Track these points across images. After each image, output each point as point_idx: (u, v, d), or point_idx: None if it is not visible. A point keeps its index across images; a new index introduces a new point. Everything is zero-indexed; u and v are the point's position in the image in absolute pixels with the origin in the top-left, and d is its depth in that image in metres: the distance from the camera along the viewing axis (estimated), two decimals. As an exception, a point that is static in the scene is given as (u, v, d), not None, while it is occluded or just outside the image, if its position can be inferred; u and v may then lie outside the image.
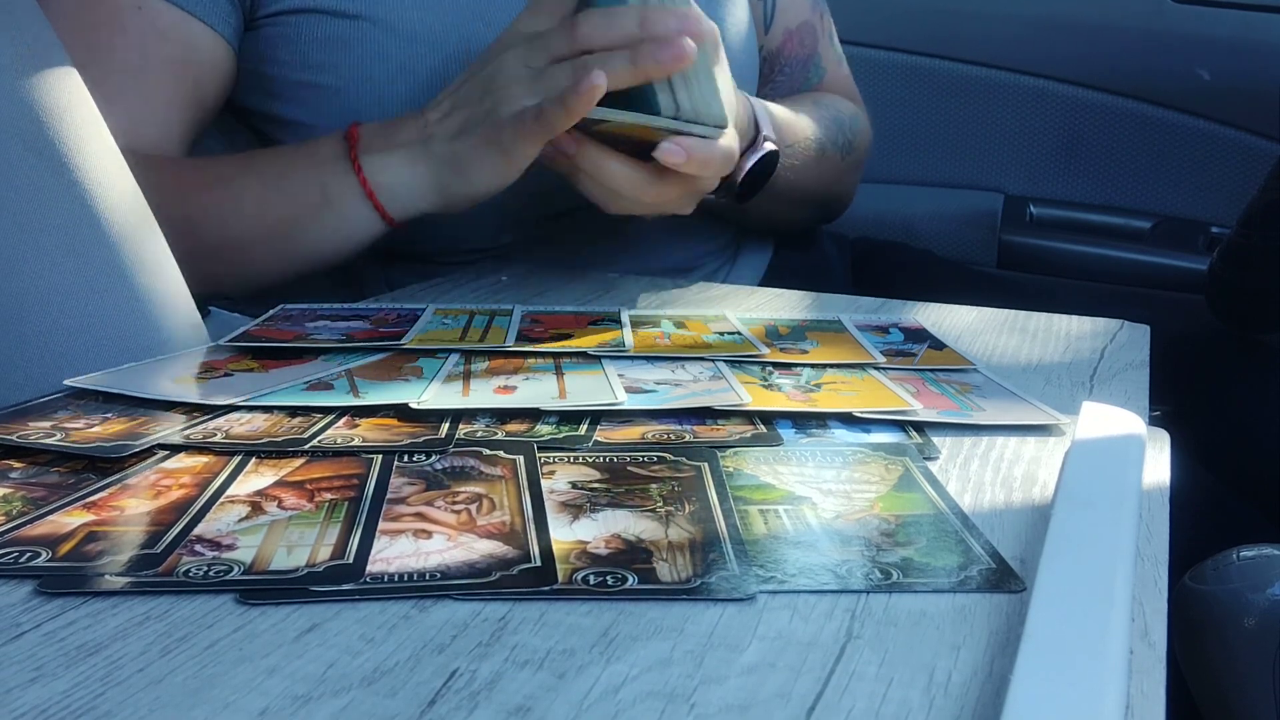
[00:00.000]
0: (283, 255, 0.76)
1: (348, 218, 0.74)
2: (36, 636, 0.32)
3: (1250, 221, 1.01)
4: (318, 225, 0.74)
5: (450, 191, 0.72)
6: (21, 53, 0.56)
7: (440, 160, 0.71)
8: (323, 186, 0.73)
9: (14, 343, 0.52)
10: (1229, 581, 0.63)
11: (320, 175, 0.74)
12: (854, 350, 0.60)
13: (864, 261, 1.13)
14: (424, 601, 0.34)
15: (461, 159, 0.70)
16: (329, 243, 0.75)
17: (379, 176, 0.72)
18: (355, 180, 0.72)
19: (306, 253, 0.76)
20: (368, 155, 0.72)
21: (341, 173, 0.73)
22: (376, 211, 0.73)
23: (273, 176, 0.75)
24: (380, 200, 0.73)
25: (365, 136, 0.73)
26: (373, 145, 0.73)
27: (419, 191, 0.73)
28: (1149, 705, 0.31)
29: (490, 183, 0.71)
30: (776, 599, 0.35)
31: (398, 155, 0.72)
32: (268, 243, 0.75)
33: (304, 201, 0.74)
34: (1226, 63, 1.41)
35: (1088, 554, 0.36)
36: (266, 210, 0.75)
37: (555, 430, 0.48)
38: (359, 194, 0.73)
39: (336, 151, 0.73)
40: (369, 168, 0.72)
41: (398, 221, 0.74)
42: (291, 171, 0.75)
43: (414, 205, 0.73)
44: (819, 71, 1.03)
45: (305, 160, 0.75)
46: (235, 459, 0.44)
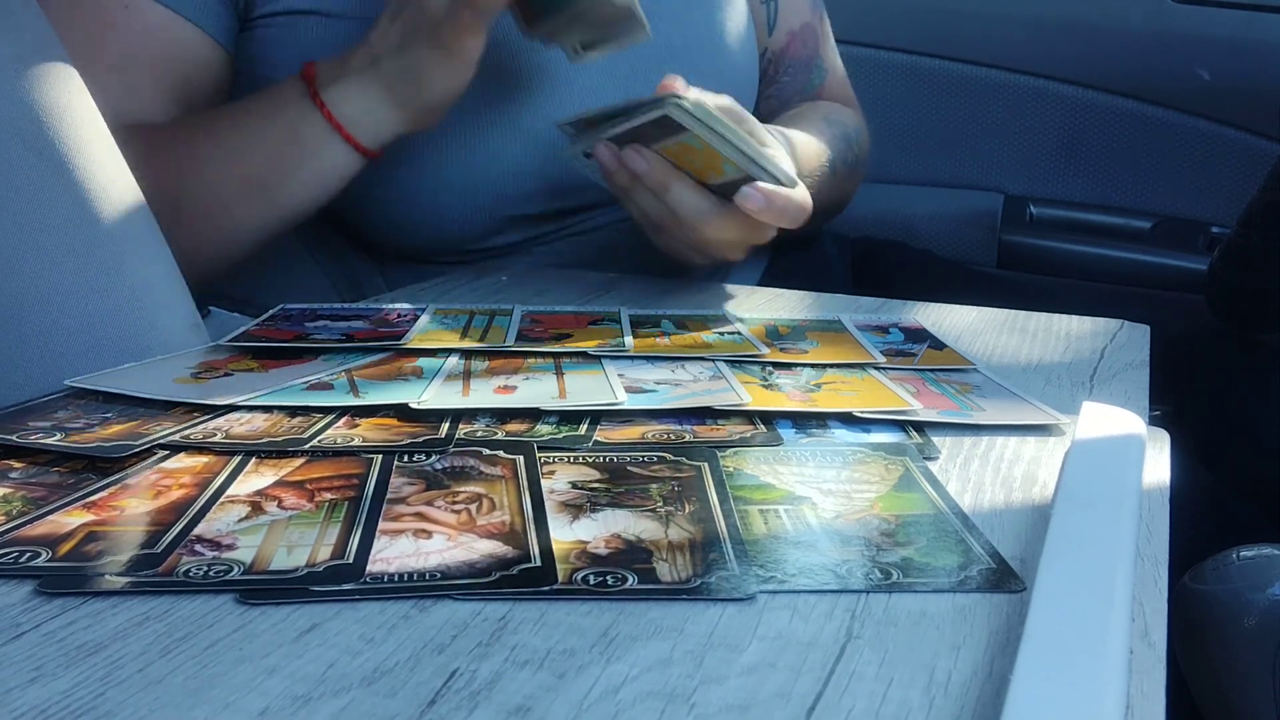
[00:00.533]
0: (265, 207, 0.75)
1: (322, 156, 0.73)
2: (36, 636, 0.32)
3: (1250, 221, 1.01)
4: (294, 169, 0.74)
5: (412, 104, 0.72)
6: (21, 53, 0.56)
7: (393, 76, 0.71)
8: (291, 129, 0.73)
9: (14, 343, 0.52)
10: (1229, 581, 0.63)
11: (286, 118, 0.73)
12: (854, 350, 0.60)
13: (864, 261, 1.13)
14: (424, 601, 0.34)
15: (412, 69, 0.70)
16: (308, 186, 0.75)
17: (342, 107, 0.72)
18: (320, 116, 0.72)
19: (288, 200, 0.75)
20: (327, 89, 0.72)
21: (306, 111, 0.72)
22: (348, 144, 0.73)
23: (239, 131, 0.75)
24: (350, 132, 0.72)
25: (321, 72, 0.73)
26: (329, 78, 0.72)
27: (383, 113, 0.73)
28: (1149, 705, 0.31)
29: (445, 85, 0.71)
30: (776, 599, 0.35)
31: (352, 81, 0.72)
32: (247, 196, 0.75)
33: (275, 147, 0.74)
34: (1226, 63, 1.41)
35: (1088, 554, 0.36)
36: (240, 162, 0.74)
37: (555, 430, 0.48)
38: (327, 129, 0.72)
39: (297, 91, 0.73)
40: (330, 100, 0.72)
41: (372, 149, 0.74)
42: (257, 120, 0.74)
43: (383, 129, 0.73)
44: (821, 73, 1.03)
45: (268, 106, 0.74)
46: (235, 459, 0.44)
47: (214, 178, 0.74)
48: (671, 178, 0.67)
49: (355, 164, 0.74)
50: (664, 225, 0.71)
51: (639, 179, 0.68)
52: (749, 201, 0.64)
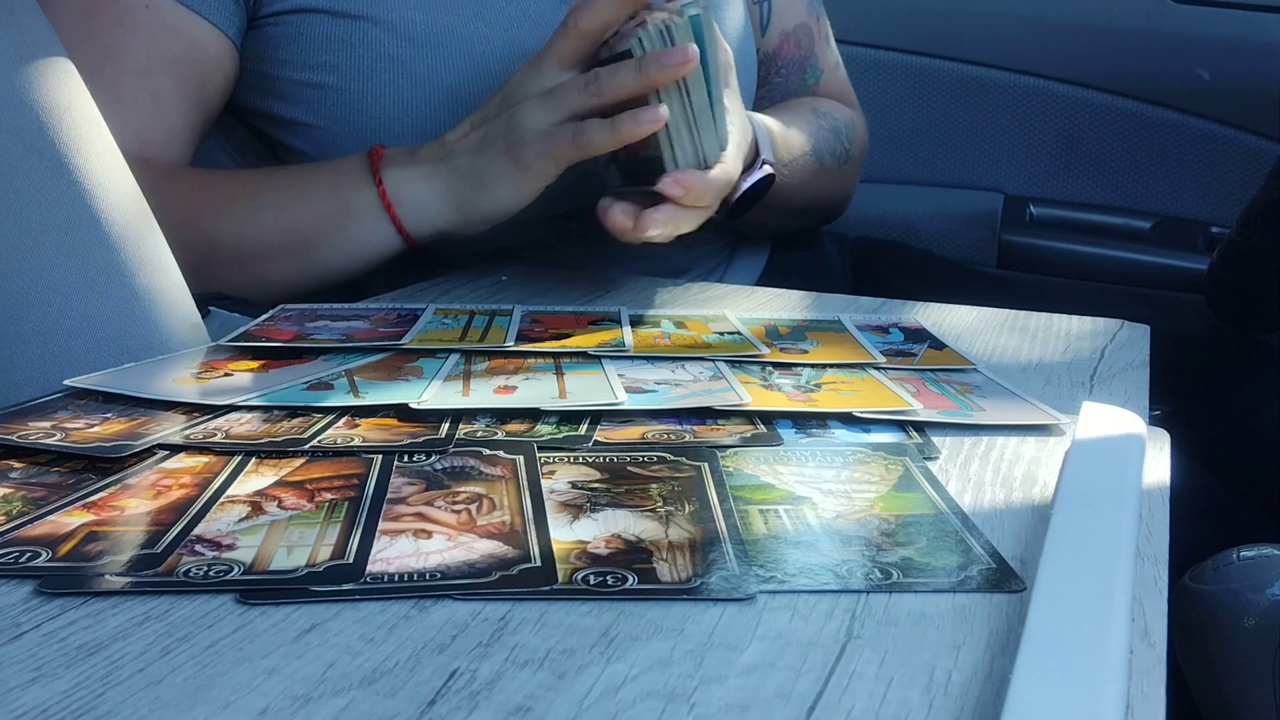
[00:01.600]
0: (299, 268, 0.76)
1: (366, 232, 0.74)
2: (36, 636, 0.32)
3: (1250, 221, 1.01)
4: (336, 239, 0.75)
5: (468, 208, 0.72)
6: (21, 53, 0.56)
7: (460, 176, 0.71)
8: (343, 200, 0.74)
9: (14, 342, 0.52)
10: (1229, 581, 0.63)
11: (341, 188, 0.74)
12: (854, 350, 0.60)
13: (864, 261, 1.13)
14: (424, 601, 0.34)
15: (482, 175, 0.71)
16: (345, 257, 0.76)
17: (399, 191, 0.73)
18: (375, 194, 0.73)
19: (322, 266, 0.76)
20: (389, 170, 0.73)
21: (363, 186, 0.73)
22: (394, 226, 0.74)
23: (294, 189, 0.76)
24: (399, 215, 0.73)
25: (389, 154, 0.74)
26: (395, 161, 0.73)
27: (438, 208, 0.73)
28: (1149, 705, 0.31)
29: (509, 200, 0.71)
30: (776, 599, 0.35)
31: (419, 170, 0.73)
32: (283, 256, 0.76)
33: (324, 214, 0.74)
34: (1226, 63, 1.41)
35: (1088, 554, 0.36)
36: (284, 222, 0.75)
37: (555, 430, 0.48)
38: (378, 208, 0.73)
39: (359, 166, 0.74)
40: (390, 182, 0.73)
41: (415, 239, 0.75)
42: (313, 184, 0.76)
43: (432, 222, 0.74)
44: (815, 73, 1.03)
45: (328, 174, 0.76)
46: (235, 459, 0.44)
47: (257, 229, 0.75)
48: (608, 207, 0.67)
49: (394, 246, 0.75)
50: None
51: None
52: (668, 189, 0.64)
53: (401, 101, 0.79)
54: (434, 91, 0.78)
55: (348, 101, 0.79)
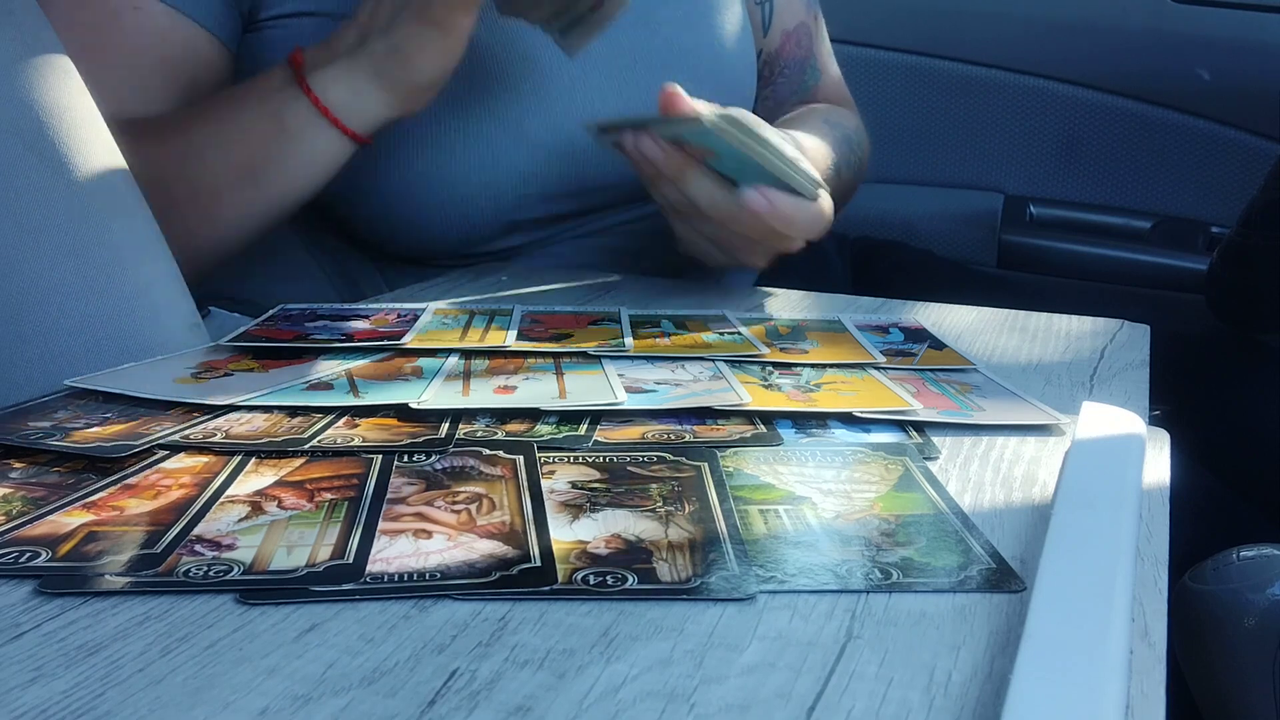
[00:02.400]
0: (255, 197, 0.74)
1: (310, 143, 0.72)
2: (36, 636, 0.32)
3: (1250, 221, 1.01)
4: (282, 157, 0.73)
5: (401, 85, 0.71)
6: (21, 53, 0.56)
7: (381, 55, 0.70)
8: (277, 117, 0.72)
9: (14, 342, 0.52)
10: (1229, 581, 0.63)
11: (272, 106, 0.72)
12: (854, 350, 0.60)
13: (864, 261, 1.13)
14: (424, 601, 0.34)
15: (401, 48, 0.69)
16: (298, 174, 0.74)
17: (330, 93, 0.71)
18: (308, 102, 0.71)
19: (279, 190, 0.74)
20: (314, 74, 0.71)
21: (292, 98, 0.71)
22: (337, 128, 0.72)
23: (227, 117, 0.74)
24: (338, 116, 0.71)
25: (308, 57, 0.72)
26: (316, 63, 0.71)
27: (371, 95, 0.71)
28: (1149, 705, 0.31)
29: (436, 63, 0.70)
30: (776, 599, 0.35)
31: (340, 65, 0.71)
32: (237, 186, 0.73)
33: (264, 136, 0.72)
34: (1226, 63, 1.41)
35: (1088, 554, 0.36)
36: (228, 153, 0.73)
37: (555, 430, 0.48)
38: (316, 115, 0.71)
39: (284, 78, 0.72)
40: (318, 86, 0.71)
41: (362, 135, 0.73)
42: (244, 109, 0.73)
43: (372, 112, 0.72)
44: (815, 73, 1.03)
45: (255, 94, 0.73)
46: (235, 459, 0.44)
47: (203, 166, 0.73)
48: (688, 166, 0.67)
49: (345, 150, 0.73)
50: (684, 212, 0.70)
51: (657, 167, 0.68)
52: (751, 203, 0.64)
53: None
54: None
55: None
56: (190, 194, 0.73)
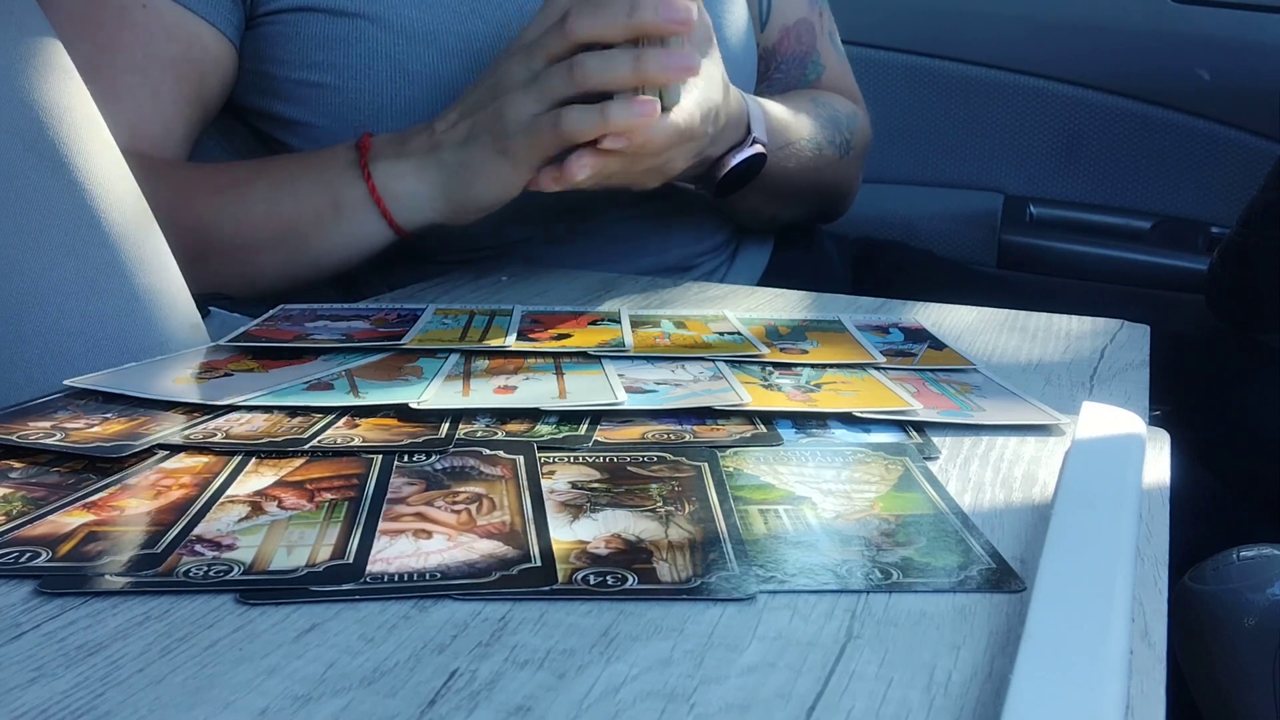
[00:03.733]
0: (289, 261, 0.76)
1: (356, 225, 0.74)
2: (36, 636, 0.32)
3: (1250, 221, 1.01)
4: (326, 232, 0.75)
5: (458, 200, 0.73)
6: (21, 53, 0.56)
7: (449, 168, 0.72)
8: (333, 193, 0.74)
9: (14, 343, 0.52)
10: (1229, 581, 0.63)
11: (330, 182, 0.74)
12: (854, 350, 0.60)
13: (864, 261, 1.13)
14: (424, 601, 0.34)
15: (470, 167, 0.71)
16: (337, 250, 0.76)
17: (389, 185, 0.73)
18: (365, 188, 0.73)
19: (313, 259, 0.76)
20: (378, 163, 0.73)
21: (352, 180, 0.73)
22: (385, 220, 0.74)
23: (284, 182, 0.76)
24: (389, 208, 0.73)
25: (376, 145, 0.74)
26: (383, 153, 0.73)
27: (428, 200, 0.73)
28: (1149, 705, 0.31)
29: (498, 191, 0.71)
30: (776, 599, 0.35)
31: (407, 164, 0.73)
32: (275, 248, 0.76)
33: (313, 208, 0.74)
34: (1226, 63, 1.41)
35: (1088, 554, 0.36)
36: (275, 215, 0.75)
37: (555, 430, 0.48)
38: (368, 202, 0.73)
39: (348, 159, 0.74)
40: (379, 176, 0.73)
41: (406, 231, 0.75)
42: (302, 177, 0.75)
43: (422, 215, 0.74)
44: (816, 69, 1.03)
45: (317, 167, 0.75)
46: (235, 459, 0.44)
47: (249, 222, 0.75)
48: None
49: (386, 239, 0.75)
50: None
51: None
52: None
53: (399, 99, 0.79)
54: (431, 89, 0.78)
55: (346, 100, 0.79)
56: (230, 250, 0.75)
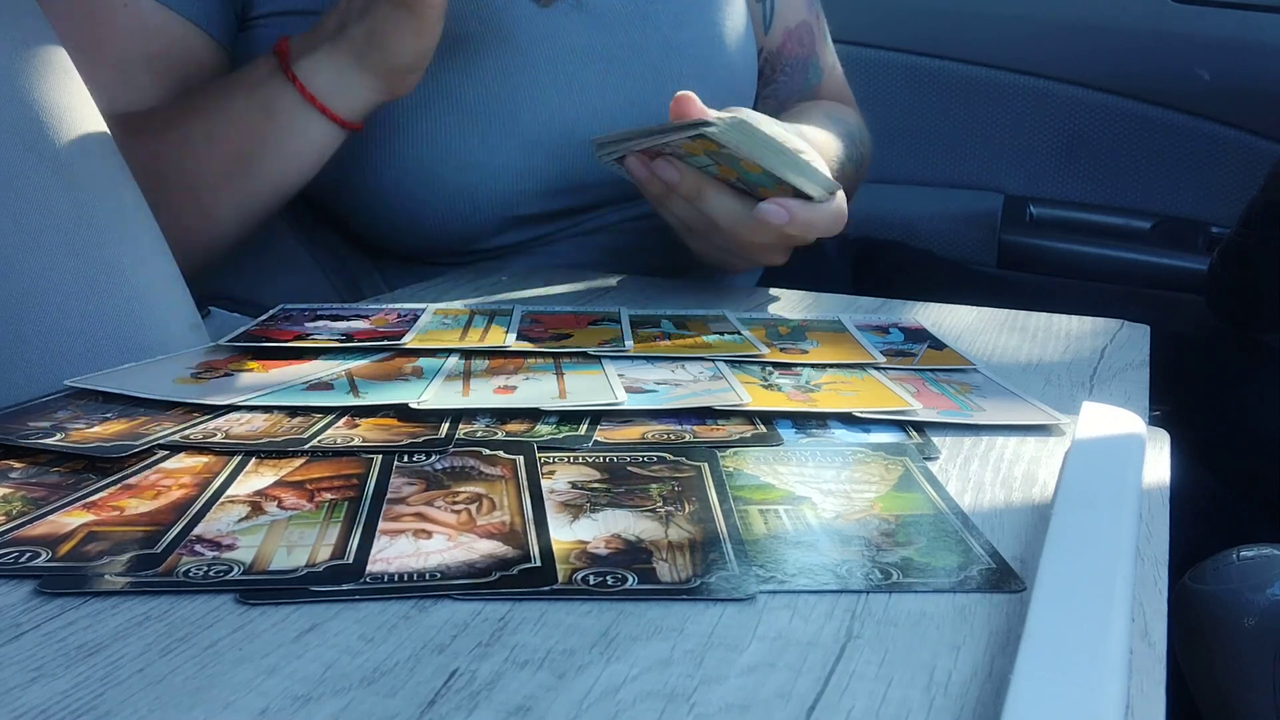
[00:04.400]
0: (249, 188, 0.74)
1: (300, 131, 0.73)
2: (36, 636, 0.32)
3: (1250, 221, 1.01)
4: (273, 147, 0.73)
5: (381, 68, 0.71)
6: (21, 53, 0.56)
7: (360, 42, 0.70)
8: (265, 106, 0.72)
9: (14, 343, 0.52)
10: (1229, 581, 0.63)
11: (260, 96, 0.72)
12: (854, 350, 0.60)
13: (864, 261, 1.13)
14: (424, 601, 0.34)
15: (377, 31, 0.70)
16: (288, 164, 0.74)
17: (315, 80, 0.71)
18: (294, 90, 0.71)
19: (271, 180, 0.74)
20: (299, 62, 0.71)
21: (280, 87, 0.72)
22: (325, 115, 0.72)
23: (216, 110, 0.74)
24: (325, 103, 0.72)
25: (293, 46, 0.72)
26: (300, 51, 0.72)
27: (355, 81, 0.72)
28: (1149, 705, 0.31)
29: (411, 45, 0.70)
30: (776, 599, 0.35)
31: (322, 51, 0.71)
32: (229, 178, 0.74)
33: (253, 127, 0.73)
34: (1226, 63, 1.41)
35: (1088, 554, 0.36)
36: (219, 145, 0.73)
37: (555, 430, 0.48)
38: (302, 103, 0.72)
39: (270, 68, 0.72)
40: (303, 74, 0.71)
41: (350, 120, 0.73)
42: (232, 100, 0.74)
43: (357, 97, 0.72)
44: (817, 72, 1.04)
45: (243, 86, 0.74)
46: (235, 459, 0.44)
47: (195, 160, 0.74)
48: (705, 185, 0.67)
49: (335, 137, 0.74)
50: (700, 230, 0.71)
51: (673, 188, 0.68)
52: (770, 218, 0.65)
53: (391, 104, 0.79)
54: (424, 88, 0.78)
55: None
56: (183, 189, 0.73)
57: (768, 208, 0.65)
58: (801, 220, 0.65)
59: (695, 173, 0.67)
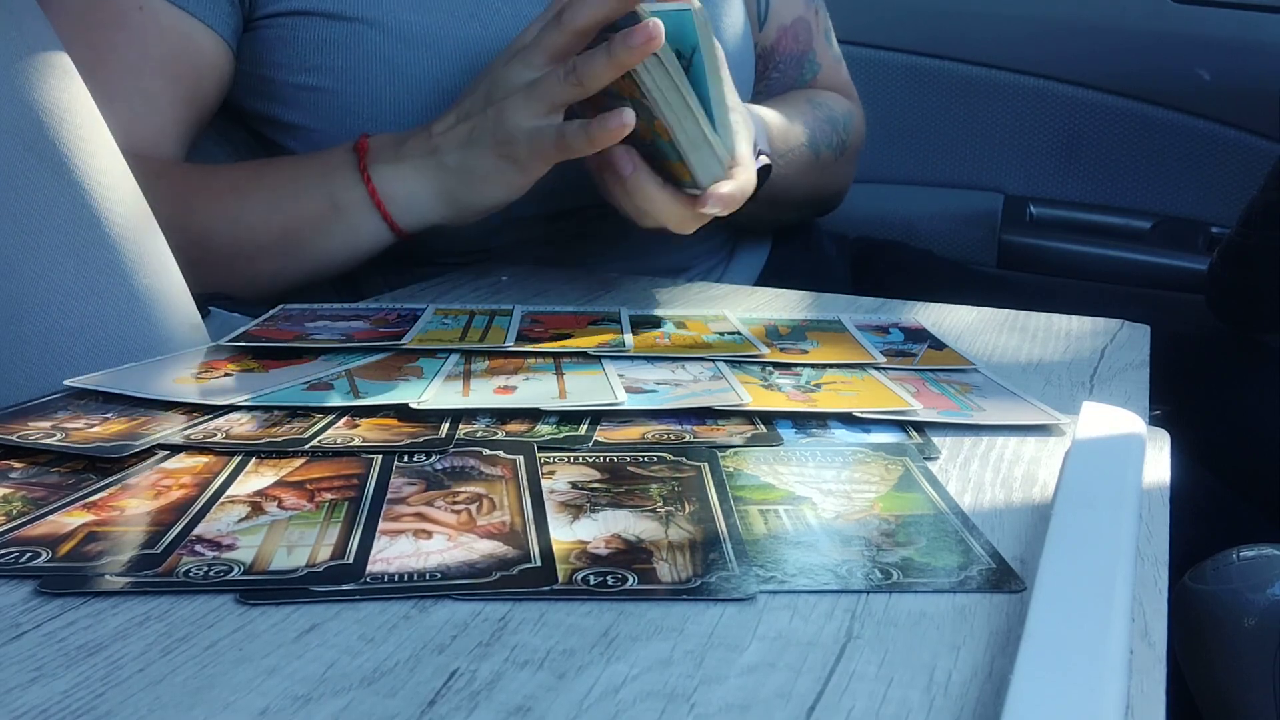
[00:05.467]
0: (289, 264, 0.76)
1: (356, 228, 0.74)
2: (36, 636, 0.32)
3: (1250, 221, 1.01)
4: (326, 235, 0.75)
5: (460, 203, 0.73)
6: (21, 53, 0.56)
7: (450, 172, 0.71)
8: (332, 196, 0.74)
9: (14, 343, 0.52)
10: (1229, 581, 0.63)
11: (329, 185, 0.74)
12: (854, 350, 0.60)
13: (864, 261, 1.13)
14: (424, 601, 0.34)
15: (471, 170, 0.71)
16: (337, 252, 0.76)
17: (388, 187, 0.73)
18: (364, 190, 0.73)
19: (314, 262, 0.76)
20: (377, 165, 0.73)
21: (351, 183, 0.73)
22: (385, 222, 0.74)
23: (282, 185, 0.76)
24: (389, 211, 0.73)
25: (374, 147, 0.74)
26: (382, 156, 0.73)
27: (428, 203, 0.73)
28: (1149, 705, 0.31)
29: (501, 195, 0.71)
30: (776, 599, 0.35)
31: (407, 166, 0.73)
32: (275, 252, 0.76)
33: (313, 211, 0.74)
34: (1226, 63, 1.41)
35: (1088, 554, 0.36)
36: (275, 219, 0.75)
37: (555, 430, 0.48)
38: (368, 204, 0.73)
39: (346, 161, 0.74)
40: (378, 178, 0.73)
41: (407, 232, 0.75)
42: (301, 180, 0.75)
43: (423, 216, 0.74)
44: (813, 68, 1.04)
45: (315, 170, 0.75)
46: (235, 459, 0.44)
47: (249, 228, 0.75)
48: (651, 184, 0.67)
49: (386, 240, 0.75)
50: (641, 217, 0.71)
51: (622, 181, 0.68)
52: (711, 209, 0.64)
53: (398, 104, 0.79)
54: (430, 93, 0.78)
55: (343, 104, 0.79)
56: (231, 253, 0.75)
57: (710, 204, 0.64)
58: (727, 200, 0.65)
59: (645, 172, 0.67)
